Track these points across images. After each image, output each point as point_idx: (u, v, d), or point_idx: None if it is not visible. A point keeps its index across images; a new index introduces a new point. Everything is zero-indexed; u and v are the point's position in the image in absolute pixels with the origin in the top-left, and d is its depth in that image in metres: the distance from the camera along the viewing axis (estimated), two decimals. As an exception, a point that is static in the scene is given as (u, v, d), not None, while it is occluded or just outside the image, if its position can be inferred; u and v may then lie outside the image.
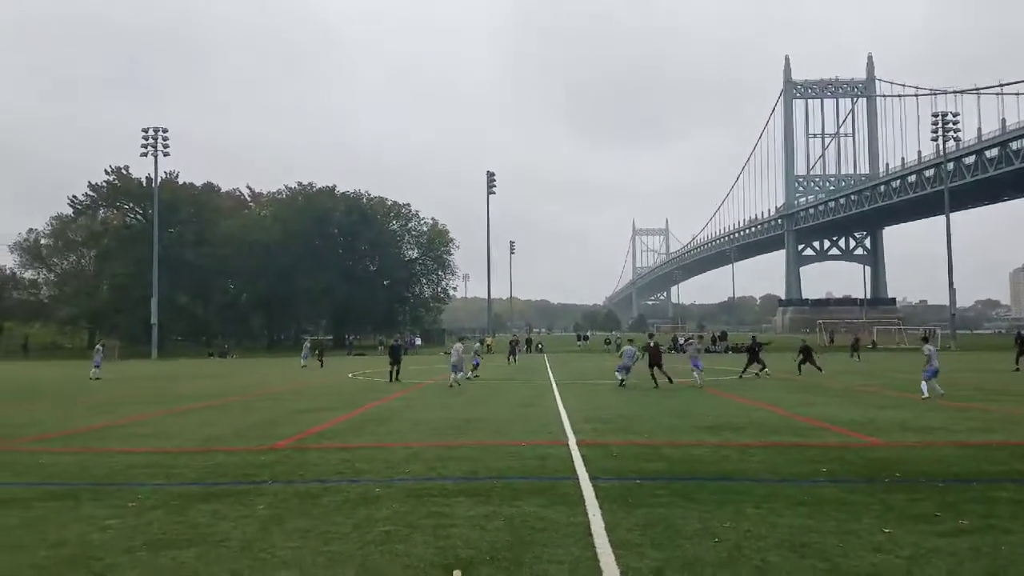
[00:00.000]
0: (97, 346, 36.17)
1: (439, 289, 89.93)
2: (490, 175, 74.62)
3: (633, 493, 7.05)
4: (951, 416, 13.49)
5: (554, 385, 22.57)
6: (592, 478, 7.77)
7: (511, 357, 41.53)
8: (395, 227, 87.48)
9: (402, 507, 6.65)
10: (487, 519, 6.14)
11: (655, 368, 21.30)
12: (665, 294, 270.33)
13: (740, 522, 5.94)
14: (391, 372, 24.99)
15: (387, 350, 28.34)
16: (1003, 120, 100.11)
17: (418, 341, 77.20)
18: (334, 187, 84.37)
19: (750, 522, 5.94)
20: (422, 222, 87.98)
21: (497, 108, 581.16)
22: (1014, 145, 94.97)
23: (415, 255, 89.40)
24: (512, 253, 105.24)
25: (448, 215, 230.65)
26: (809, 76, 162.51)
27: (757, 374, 25.08)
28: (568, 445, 10.23)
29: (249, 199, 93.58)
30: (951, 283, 69.29)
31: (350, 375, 30.73)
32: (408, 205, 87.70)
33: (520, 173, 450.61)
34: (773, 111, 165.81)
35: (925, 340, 19.90)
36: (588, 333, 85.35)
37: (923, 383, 16.96)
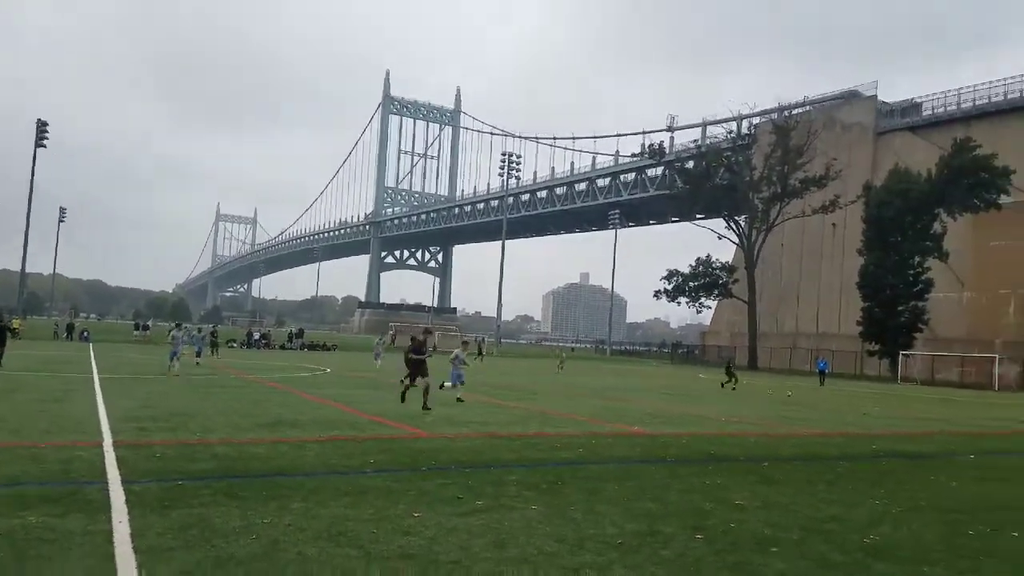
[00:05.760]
0: None
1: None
2: (41, 124, 62.39)
3: (172, 495, 6.48)
4: (489, 411, 15.62)
5: (96, 378, 19.78)
6: (125, 482, 6.94)
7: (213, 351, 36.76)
8: None
9: None
10: (-27, 536, 5.01)
11: None
12: (246, 286, 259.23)
13: (283, 516, 5.91)
14: None
15: None
16: (552, 168, 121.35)
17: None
18: None
19: (293, 516, 5.95)
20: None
21: (61, 66, 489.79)
22: (558, 191, 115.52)
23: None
24: (62, 221, 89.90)
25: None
26: (407, 95, 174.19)
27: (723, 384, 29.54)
28: (102, 446, 9.00)
29: None
30: (500, 299, 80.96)
31: None
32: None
33: (82, 139, 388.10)
34: (371, 121, 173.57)
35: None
36: (149, 323, 76.66)
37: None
